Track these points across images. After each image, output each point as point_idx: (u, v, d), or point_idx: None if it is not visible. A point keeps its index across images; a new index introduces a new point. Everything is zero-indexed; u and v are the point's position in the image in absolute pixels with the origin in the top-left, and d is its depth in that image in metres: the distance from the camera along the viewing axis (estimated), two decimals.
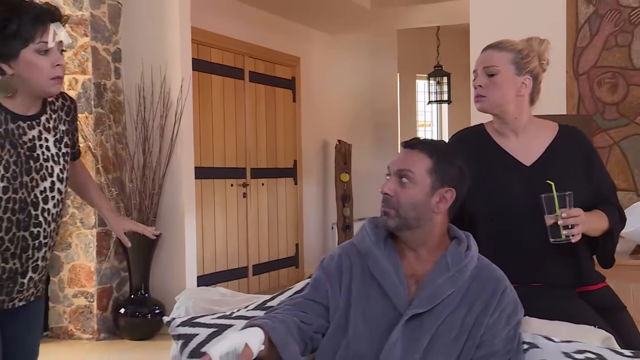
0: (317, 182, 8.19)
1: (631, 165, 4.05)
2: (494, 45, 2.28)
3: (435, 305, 1.82)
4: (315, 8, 7.02)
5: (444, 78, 8.71)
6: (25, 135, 2.12)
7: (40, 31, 2.05)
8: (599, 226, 2.20)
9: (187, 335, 2.13)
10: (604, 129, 4.08)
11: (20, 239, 2.13)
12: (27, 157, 2.12)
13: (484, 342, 1.81)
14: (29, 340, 2.33)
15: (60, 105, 2.25)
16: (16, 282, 2.17)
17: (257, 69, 7.09)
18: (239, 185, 6.83)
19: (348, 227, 7.86)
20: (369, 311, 1.86)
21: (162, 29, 5.18)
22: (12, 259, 2.14)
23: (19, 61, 2.05)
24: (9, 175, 2.07)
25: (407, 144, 1.95)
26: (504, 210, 2.21)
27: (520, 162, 2.26)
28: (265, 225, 7.26)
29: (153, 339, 5.11)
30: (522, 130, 2.28)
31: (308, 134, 7.91)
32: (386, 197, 1.89)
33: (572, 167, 2.24)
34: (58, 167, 2.20)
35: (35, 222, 2.15)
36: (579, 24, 4.15)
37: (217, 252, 6.53)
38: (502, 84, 2.23)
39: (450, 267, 1.86)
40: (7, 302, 2.19)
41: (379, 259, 1.90)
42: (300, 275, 7.82)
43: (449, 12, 7.30)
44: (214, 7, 6.30)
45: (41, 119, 2.17)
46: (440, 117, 10.02)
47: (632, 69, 4.06)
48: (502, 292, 1.85)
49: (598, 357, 1.80)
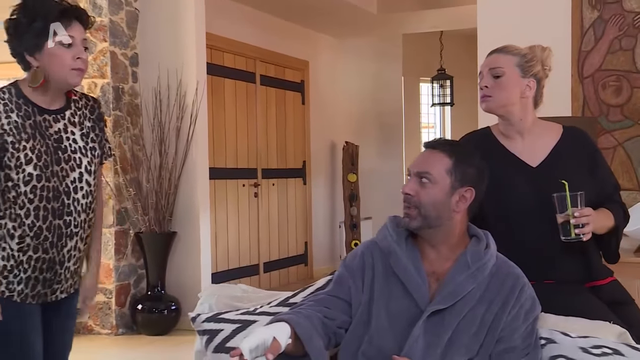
0: (326, 182, 8.18)
1: (635, 165, 4.03)
2: (500, 49, 2.29)
3: (456, 301, 1.82)
4: (324, 13, 7.01)
5: (447, 81, 8.69)
6: (51, 127, 2.17)
7: (65, 25, 2.09)
8: (605, 224, 2.21)
9: (213, 330, 2.13)
10: (609, 131, 4.07)
11: (56, 227, 2.16)
12: (55, 148, 2.15)
13: (503, 338, 1.81)
14: (69, 333, 2.35)
15: (84, 104, 2.28)
16: (55, 273, 2.19)
17: (267, 72, 7.08)
18: (250, 185, 6.83)
19: (355, 226, 7.85)
20: (391, 307, 1.86)
21: (178, 34, 5.18)
22: (51, 249, 2.16)
23: (44, 53, 2.10)
24: (41, 164, 2.11)
25: (429, 144, 1.96)
26: (510, 210, 2.20)
27: (526, 163, 2.25)
28: (275, 224, 7.25)
29: (169, 334, 5.11)
30: (527, 131, 2.27)
31: (316, 136, 7.90)
32: (407, 197, 1.88)
33: (576, 167, 2.23)
34: (86, 159, 2.22)
35: (67, 211, 2.17)
36: (584, 28, 4.13)
37: (230, 250, 6.52)
38: (507, 85, 2.24)
39: (470, 265, 1.85)
40: (50, 295, 2.21)
41: (401, 257, 1.90)
42: (309, 272, 7.82)
43: (452, 17, 7.29)
44: (227, 13, 6.29)
45: (65, 114, 2.21)
46: (443, 119, 9.99)
47: (635, 72, 4.05)
48: (520, 289, 1.85)
49: (615, 352, 1.79)
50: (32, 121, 2.13)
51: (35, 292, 2.17)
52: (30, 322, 2.17)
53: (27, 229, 2.12)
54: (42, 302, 2.20)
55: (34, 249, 2.14)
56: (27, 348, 2.17)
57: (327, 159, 8.20)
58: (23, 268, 2.14)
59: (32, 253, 2.14)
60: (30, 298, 2.17)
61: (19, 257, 2.13)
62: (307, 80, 7.74)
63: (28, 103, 2.14)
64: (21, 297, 2.15)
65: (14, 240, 2.12)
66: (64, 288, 2.24)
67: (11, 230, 2.12)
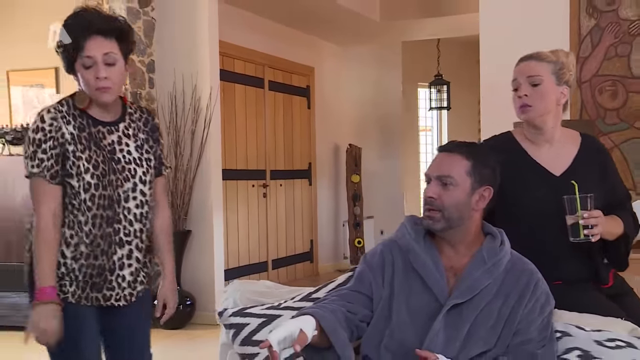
0: (330, 183, 8.17)
1: (631, 166, 4.04)
2: (533, 56, 2.19)
3: (473, 295, 1.82)
4: (329, 22, 7.01)
5: (443, 86, 8.71)
6: (105, 139, 2.13)
7: (82, 45, 2.03)
8: (614, 230, 2.16)
9: (239, 324, 2.14)
10: (606, 133, 4.07)
11: (107, 235, 2.12)
12: (109, 159, 2.12)
13: (520, 330, 1.81)
14: (136, 338, 2.30)
15: (138, 117, 2.23)
16: (105, 279, 2.14)
17: (275, 78, 7.08)
18: (259, 186, 6.83)
19: (358, 225, 7.85)
20: (412, 302, 1.86)
21: (193, 42, 5.18)
22: (101, 256, 2.13)
23: (78, 75, 2.08)
24: (98, 173, 2.08)
25: (445, 148, 1.95)
26: (532, 215, 2.15)
27: (550, 172, 2.19)
28: (283, 223, 7.24)
29: (185, 328, 5.11)
30: (556, 140, 2.21)
31: (321, 138, 7.90)
32: (430, 200, 1.88)
33: (594, 175, 2.19)
34: (141, 169, 2.18)
35: (117, 219, 2.13)
36: (582, 35, 4.14)
37: (240, 248, 6.52)
38: (547, 94, 2.15)
39: (486, 261, 1.86)
40: (103, 301, 2.17)
41: (420, 254, 1.90)
42: (315, 269, 7.82)
43: (451, 25, 7.29)
44: (238, 22, 6.29)
45: (119, 126, 2.17)
46: (440, 123, 10.00)
47: (631, 77, 4.05)
48: (535, 284, 1.86)
49: (628, 345, 1.80)
50: (87, 133, 2.09)
51: (85, 294, 2.14)
52: (86, 323, 2.15)
53: (84, 236, 2.09)
54: (98, 305, 2.16)
55: (85, 257, 2.10)
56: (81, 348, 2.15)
57: (332, 161, 8.20)
58: (74, 275, 2.11)
59: (84, 261, 2.10)
60: (84, 300, 2.13)
61: (70, 265, 2.10)
62: (312, 85, 7.74)
63: (83, 115, 2.10)
64: (75, 297, 2.13)
65: (69, 249, 2.10)
66: (120, 296, 2.17)
67: (68, 239, 2.10)
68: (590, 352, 1.79)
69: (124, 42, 2.10)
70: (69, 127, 2.07)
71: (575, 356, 1.79)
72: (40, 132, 2.05)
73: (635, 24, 4.04)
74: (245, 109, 6.58)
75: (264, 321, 2.11)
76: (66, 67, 2.10)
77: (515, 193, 2.15)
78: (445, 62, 8.81)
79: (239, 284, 2.38)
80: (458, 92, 8.80)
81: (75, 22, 2.06)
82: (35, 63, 5.74)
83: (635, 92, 4.04)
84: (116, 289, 2.17)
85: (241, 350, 2.10)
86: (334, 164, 8.23)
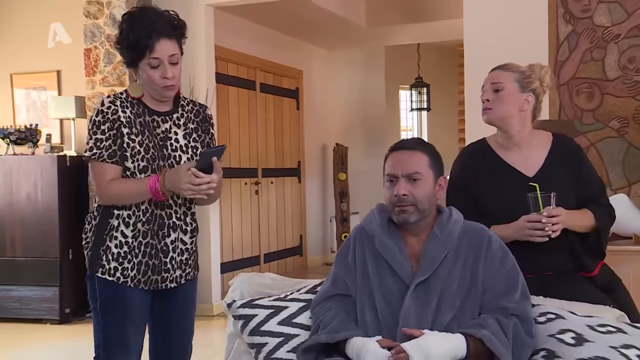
0: (318, 181, 8.18)
1: (606, 163, 4.08)
2: (501, 66, 2.28)
3: (434, 269, 1.86)
4: (317, 27, 7.01)
5: (423, 88, 8.73)
6: (158, 127, 2.15)
7: (150, 48, 2.05)
8: (582, 223, 2.19)
9: (248, 315, 2.13)
10: (582, 132, 4.11)
11: (157, 217, 2.14)
12: (160, 146, 2.14)
13: (488, 288, 1.84)
14: (189, 318, 2.32)
15: (190, 109, 2.25)
16: (160, 261, 2.16)
17: (266, 81, 7.07)
18: (251, 184, 6.81)
19: (345, 220, 7.86)
20: (383, 285, 1.90)
21: (190, 47, 5.09)
22: (156, 236, 2.15)
23: (139, 70, 2.10)
24: (148, 157, 2.11)
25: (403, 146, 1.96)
26: (506, 215, 2.17)
27: (522, 173, 2.23)
28: (274, 219, 7.24)
29: None
30: (525, 143, 2.25)
31: (310, 138, 7.90)
32: (404, 198, 1.90)
33: (566, 172, 2.22)
34: (186, 155, 2.19)
35: (167, 204, 2.15)
36: (559, 40, 4.18)
37: (234, 243, 6.50)
38: (507, 99, 2.21)
39: (439, 235, 1.90)
40: (160, 283, 2.18)
41: (384, 239, 1.94)
42: (304, 262, 7.82)
43: (432, 31, 7.33)
44: (231, 27, 6.27)
45: (173, 116, 2.19)
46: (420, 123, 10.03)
47: (605, 80, 4.10)
48: (487, 241, 1.90)
49: (618, 330, 1.81)
50: (142, 119, 2.11)
51: (146, 277, 2.15)
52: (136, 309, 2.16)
53: (141, 215, 2.12)
54: (154, 289, 2.17)
55: (143, 235, 2.13)
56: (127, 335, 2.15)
57: (320, 160, 8.20)
58: (135, 253, 2.12)
59: (142, 239, 2.13)
60: (143, 284, 2.15)
61: (132, 243, 2.12)
62: (301, 87, 7.73)
63: (140, 104, 2.13)
64: (134, 282, 2.14)
65: (128, 228, 2.12)
66: (172, 277, 2.20)
67: (127, 219, 2.12)
68: (583, 335, 1.81)
69: (183, 41, 2.15)
70: (126, 112, 2.09)
71: (569, 337, 1.81)
72: (100, 115, 2.08)
73: (609, 30, 4.09)
74: (238, 110, 6.56)
75: (271, 312, 2.10)
76: (128, 62, 2.11)
77: (490, 194, 2.18)
78: (426, 66, 8.85)
79: (245, 277, 2.38)
80: (437, 94, 8.84)
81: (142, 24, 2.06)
82: (38, 66, 5.69)
83: (610, 94, 4.08)
84: (170, 270, 2.19)
85: (250, 340, 2.09)
86: (322, 163, 8.23)
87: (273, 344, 2.03)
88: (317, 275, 7.01)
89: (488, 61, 3.62)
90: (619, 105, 4.06)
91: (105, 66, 5.02)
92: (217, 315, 5.31)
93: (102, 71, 5.05)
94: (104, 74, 5.05)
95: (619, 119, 4.06)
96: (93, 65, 5.06)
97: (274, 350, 2.02)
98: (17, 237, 5.21)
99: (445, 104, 9.03)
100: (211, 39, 5.25)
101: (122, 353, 2.15)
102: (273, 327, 2.07)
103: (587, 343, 1.77)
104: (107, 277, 2.12)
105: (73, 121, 5.39)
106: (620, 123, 4.06)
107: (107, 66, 5.02)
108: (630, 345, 1.76)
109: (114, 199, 2.10)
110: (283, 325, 2.05)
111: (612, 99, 4.08)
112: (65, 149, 5.50)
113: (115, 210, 2.13)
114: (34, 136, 5.30)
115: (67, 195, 5.17)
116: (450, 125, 8.84)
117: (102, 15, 4.93)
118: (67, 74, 5.62)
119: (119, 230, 2.12)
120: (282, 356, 2.01)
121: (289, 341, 2.03)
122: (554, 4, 4.16)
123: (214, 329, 4.97)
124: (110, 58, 5.02)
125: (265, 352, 2.03)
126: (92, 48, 5.07)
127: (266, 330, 2.07)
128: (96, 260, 2.13)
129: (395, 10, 7.04)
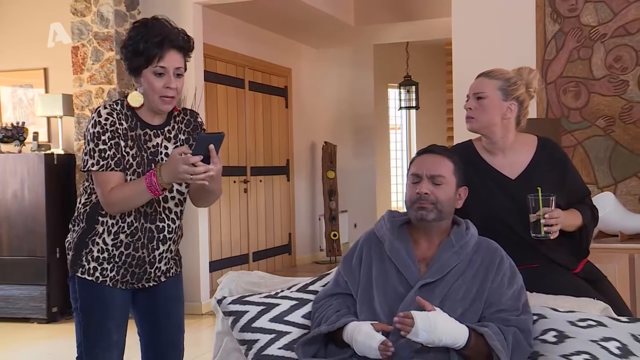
0: (307, 179, 8.20)
1: (592, 162, 4.14)
2: (486, 73, 2.29)
3: (443, 275, 1.90)
4: (306, 26, 7.04)
5: (412, 87, 8.78)
6: (150, 141, 2.15)
7: (159, 56, 2.06)
8: (573, 222, 2.25)
9: (238, 312, 2.14)
10: (569, 131, 4.17)
11: (147, 230, 2.16)
12: (150, 160, 2.14)
13: (493, 303, 1.88)
14: (177, 315, 2.33)
15: (181, 119, 2.24)
16: (145, 271, 2.20)
17: (255, 79, 7.09)
18: (240, 182, 6.83)
19: (334, 218, 7.89)
20: (388, 287, 1.93)
21: None
22: (142, 249, 2.17)
23: (142, 78, 2.09)
24: (139, 171, 2.11)
25: (430, 150, 2.03)
26: (490, 217, 2.21)
27: (506, 176, 2.26)
28: (263, 217, 7.26)
29: None
30: (509, 148, 2.27)
31: (299, 136, 7.92)
32: (425, 196, 1.95)
33: (550, 176, 2.25)
34: None
35: (160, 217, 2.17)
36: (547, 39, 4.23)
37: (223, 241, 6.52)
38: (489, 108, 2.23)
39: (454, 244, 1.94)
40: (136, 283, 2.22)
41: (393, 243, 1.98)
42: (293, 261, 7.85)
43: (420, 29, 7.37)
44: (220, 25, 6.28)
45: (164, 129, 2.18)
46: (409, 122, 10.08)
47: (592, 79, 4.15)
48: (499, 260, 1.94)
49: (599, 324, 1.86)
50: (134, 133, 2.12)
51: (124, 280, 2.18)
52: (117, 307, 2.18)
53: (126, 227, 2.13)
54: (131, 288, 2.21)
55: (125, 246, 2.14)
56: (108, 331, 2.17)
57: (308, 158, 8.23)
58: (115, 261, 2.15)
59: (124, 249, 2.15)
60: (120, 284, 2.18)
61: (112, 252, 2.14)
62: (290, 86, 7.76)
63: (133, 116, 2.13)
64: (112, 282, 2.17)
65: (110, 236, 2.14)
66: (150, 278, 2.23)
67: (110, 228, 2.13)
68: (565, 332, 1.86)
69: (188, 57, 2.15)
70: (123, 124, 2.10)
71: (552, 336, 1.86)
72: (99, 126, 2.08)
73: (596, 29, 4.14)
74: (226, 108, 6.57)
75: (263, 309, 2.12)
76: (132, 69, 2.10)
77: (473, 195, 2.21)
78: (414, 64, 8.90)
79: (234, 275, 2.39)
80: (426, 93, 8.89)
81: (155, 32, 2.07)
82: (25, 64, 5.68)
83: (596, 92, 4.14)
84: (152, 275, 2.23)
85: (240, 337, 2.11)
86: (310, 161, 8.26)
87: (264, 341, 2.06)
88: (306, 273, 7.04)
89: (476, 60, 3.69)
90: (605, 104, 4.12)
91: (93, 64, 5.02)
92: (205, 313, 5.33)
93: (90, 69, 5.05)
94: (91, 71, 5.05)
95: (605, 117, 4.12)
96: (80, 62, 5.06)
97: (265, 347, 2.04)
98: (4, 236, 5.20)
99: (433, 102, 9.08)
100: (199, 37, 5.26)
101: (103, 351, 2.17)
102: (264, 323, 2.09)
103: (568, 339, 1.82)
104: (87, 276, 2.14)
105: (60, 119, 5.39)
106: (607, 122, 4.11)
107: (94, 64, 5.02)
108: (610, 337, 1.81)
109: (119, 204, 2.09)
110: (275, 322, 2.08)
111: (599, 97, 4.13)
112: (53, 147, 5.50)
113: (100, 217, 2.14)
114: (21, 134, 5.30)
115: (54, 193, 5.17)
116: (439, 123, 8.89)
117: (90, 12, 4.93)
118: (54, 71, 5.61)
119: (102, 237, 2.14)
120: (274, 353, 2.03)
121: (280, 338, 2.06)
122: (541, 3, 4.21)
123: (202, 327, 4.99)
124: (97, 56, 5.02)
125: (256, 349, 2.05)
126: (79, 46, 5.07)
127: (257, 327, 2.09)
128: (77, 261, 2.16)
129: (384, 9, 7.08)
